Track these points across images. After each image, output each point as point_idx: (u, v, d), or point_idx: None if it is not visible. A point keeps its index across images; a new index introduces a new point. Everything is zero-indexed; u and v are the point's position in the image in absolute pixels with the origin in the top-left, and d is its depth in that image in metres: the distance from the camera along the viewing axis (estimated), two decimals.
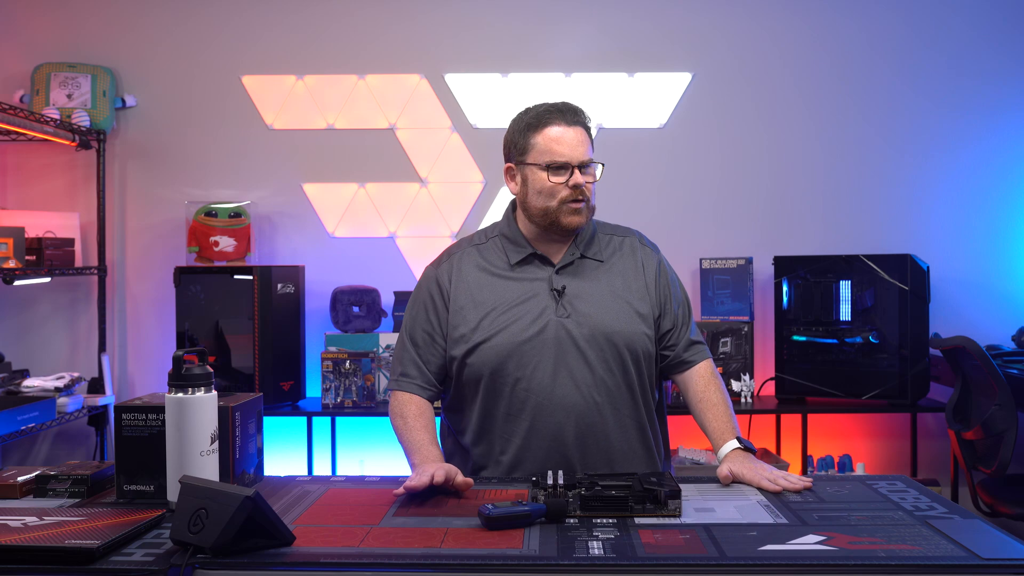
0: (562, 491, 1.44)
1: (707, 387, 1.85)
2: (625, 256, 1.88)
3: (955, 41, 3.74)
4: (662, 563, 1.23)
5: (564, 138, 1.77)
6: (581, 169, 1.78)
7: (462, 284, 1.84)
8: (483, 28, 3.78)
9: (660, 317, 1.87)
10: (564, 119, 1.79)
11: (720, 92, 3.77)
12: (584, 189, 1.78)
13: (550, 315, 1.78)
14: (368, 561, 1.24)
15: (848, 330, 3.47)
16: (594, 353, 1.78)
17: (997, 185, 3.74)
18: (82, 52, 3.73)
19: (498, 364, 1.77)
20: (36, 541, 1.27)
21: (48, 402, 3.15)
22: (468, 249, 1.89)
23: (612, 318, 1.80)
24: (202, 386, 1.47)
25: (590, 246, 1.87)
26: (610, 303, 1.81)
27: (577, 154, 1.77)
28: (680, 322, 1.89)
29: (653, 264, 1.89)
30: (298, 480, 1.72)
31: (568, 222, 1.79)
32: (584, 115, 1.82)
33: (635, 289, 1.85)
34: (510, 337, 1.77)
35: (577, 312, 1.79)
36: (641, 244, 1.92)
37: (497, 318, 1.79)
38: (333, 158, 3.79)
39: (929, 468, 3.68)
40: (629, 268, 1.87)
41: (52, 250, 3.40)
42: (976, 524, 1.38)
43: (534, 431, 1.77)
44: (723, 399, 1.84)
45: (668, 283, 1.89)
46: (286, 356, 3.50)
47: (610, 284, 1.84)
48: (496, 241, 1.88)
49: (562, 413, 1.76)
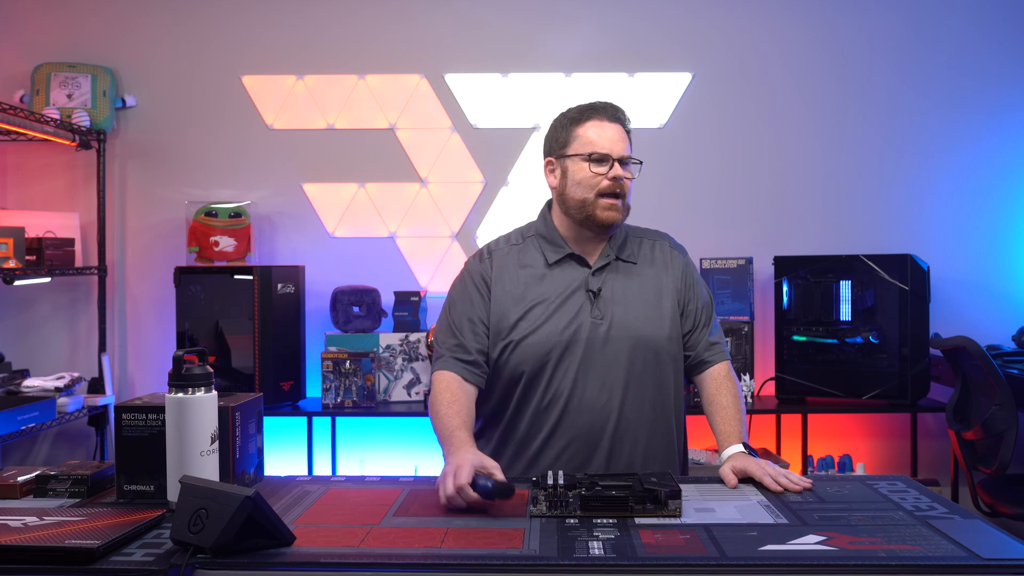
0: (561, 491, 1.45)
1: (719, 389, 1.88)
2: (656, 259, 1.93)
3: (955, 41, 3.74)
4: (662, 563, 1.23)
5: (605, 132, 1.83)
6: (621, 164, 1.83)
7: (501, 282, 1.88)
8: (483, 28, 3.78)
9: (681, 317, 1.90)
10: (606, 115, 1.85)
11: (720, 92, 3.77)
12: (622, 184, 1.82)
13: (584, 316, 1.82)
14: (368, 561, 1.24)
15: (848, 330, 3.47)
16: (625, 356, 1.81)
17: (997, 185, 3.74)
18: (82, 52, 3.73)
19: (531, 362, 1.81)
20: (36, 541, 1.27)
21: (48, 402, 3.15)
22: (507, 248, 1.93)
23: (644, 322, 1.84)
24: (202, 386, 1.47)
25: (624, 248, 1.91)
26: (643, 307, 1.85)
27: (617, 148, 1.83)
28: (701, 323, 1.92)
29: (680, 265, 1.93)
30: (298, 480, 1.72)
31: (604, 217, 1.82)
32: (624, 115, 1.88)
33: (666, 292, 1.89)
34: (544, 337, 1.81)
35: (611, 314, 1.83)
36: (669, 244, 1.97)
37: (533, 318, 1.83)
38: (333, 158, 3.79)
39: (929, 468, 3.68)
40: (660, 271, 1.91)
41: (52, 250, 3.40)
42: (976, 524, 1.38)
43: (561, 428, 1.81)
44: (734, 402, 1.86)
45: (692, 284, 1.93)
46: (286, 356, 3.50)
47: (642, 287, 1.88)
48: (533, 241, 1.92)
49: (590, 413, 1.80)
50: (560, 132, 1.88)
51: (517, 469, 1.84)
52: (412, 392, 3.60)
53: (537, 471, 1.79)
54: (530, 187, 3.78)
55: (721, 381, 1.88)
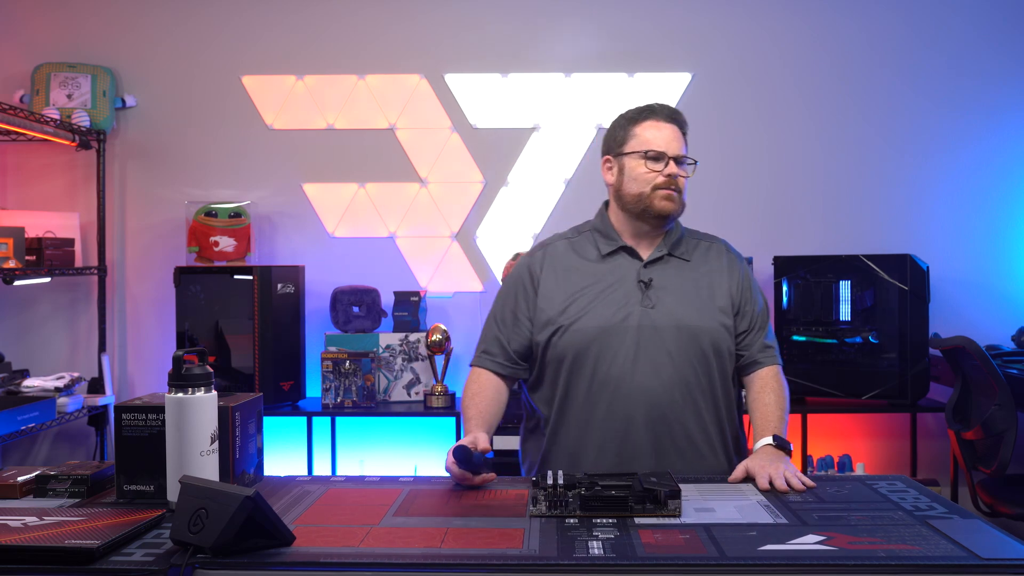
0: (562, 491, 1.45)
1: (764, 387, 1.91)
2: (711, 259, 1.97)
3: (955, 41, 3.74)
4: (662, 563, 1.23)
5: (661, 132, 1.90)
6: (676, 162, 1.89)
7: (552, 272, 1.94)
8: (483, 28, 3.78)
9: (737, 316, 1.93)
10: (662, 115, 1.92)
11: (720, 92, 3.77)
12: (677, 181, 1.88)
13: (635, 304, 1.87)
14: (368, 561, 1.24)
15: (848, 330, 3.47)
16: (675, 345, 1.85)
17: (997, 185, 3.74)
18: (82, 52, 3.73)
19: (581, 347, 1.86)
20: (36, 541, 1.27)
21: (48, 402, 3.16)
22: (560, 242, 2.00)
23: (695, 313, 1.88)
24: (202, 386, 1.47)
25: (678, 246, 1.96)
26: (694, 299, 1.90)
27: (672, 147, 1.89)
28: (757, 325, 1.95)
29: (738, 268, 1.98)
30: (298, 480, 1.72)
31: (661, 207, 1.88)
32: (681, 116, 1.94)
33: (719, 288, 1.93)
34: (594, 322, 1.86)
35: (662, 304, 1.87)
36: (727, 248, 2.02)
37: (584, 304, 1.88)
38: (333, 158, 3.79)
39: (929, 468, 3.68)
40: (715, 269, 1.95)
41: (52, 250, 3.40)
42: (976, 524, 1.38)
43: (611, 414, 1.84)
44: (776, 401, 1.88)
45: (750, 287, 1.98)
46: (286, 356, 3.50)
47: (695, 282, 1.92)
48: (588, 235, 1.99)
49: (639, 400, 1.83)
50: (618, 131, 1.95)
51: (571, 450, 1.88)
52: (412, 392, 3.60)
53: (588, 453, 1.85)
54: (530, 187, 3.78)
55: (768, 380, 1.91)
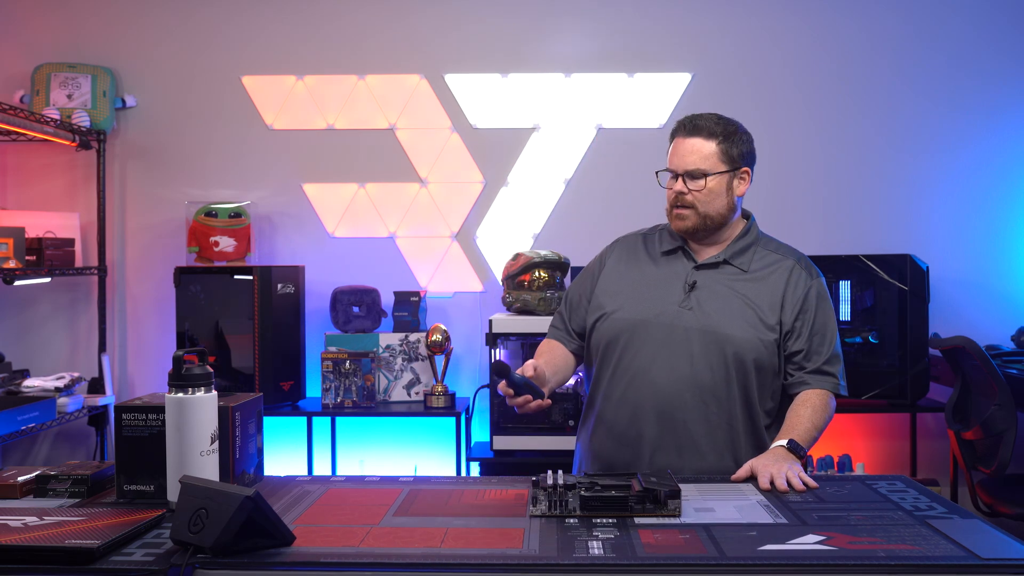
0: (561, 491, 1.45)
1: (804, 402, 1.85)
2: (774, 273, 1.92)
3: (955, 41, 3.74)
4: (662, 563, 1.23)
5: (676, 148, 1.93)
6: (687, 178, 1.89)
7: (617, 262, 2.03)
8: (483, 28, 3.78)
9: (789, 335, 1.88)
10: (683, 131, 1.93)
11: (720, 92, 3.77)
12: (686, 198, 1.89)
13: (673, 304, 1.89)
14: (368, 561, 1.24)
15: (848, 330, 3.47)
16: (699, 349, 1.85)
17: (997, 185, 3.74)
18: (82, 52, 3.73)
19: (614, 335, 1.92)
20: (36, 541, 1.28)
21: (48, 402, 3.16)
22: (635, 236, 2.08)
23: (730, 322, 1.85)
24: (202, 386, 1.48)
25: (740, 255, 1.94)
26: (735, 308, 1.87)
27: (683, 163, 1.90)
28: (812, 350, 1.88)
29: (803, 286, 1.90)
30: (298, 480, 1.72)
31: (674, 225, 1.95)
32: (706, 127, 1.91)
33: (768, 302, 1.88)
34: (630, 314, 1.91)
35: (700, 308, 1.88)
36: (798, 266, 1.94)
37: (627, 295, 1.94)
38: (333, 158, 3.79)
39: (929, 468, 3.68)
40: (772, 285, 1.90)
41: (52, 250, 3.40)
42: (975, 524, 1.39)
43: (624, 401, 1.89)
44: (810, 415, 1.82)
45: (814, 308, 1.89)
46: (286, 356, 3.50)
47: (744, 292, 1.89)
48: (661, 232, 2.04)
49: (650, 394, 1.86)
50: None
51: (591, 432, 1.96)
52: (412, 392, 3.60)
53: (602, 436, 1.92)
54: (530, 187, 3.78)
55: (810, 396, 1.86)
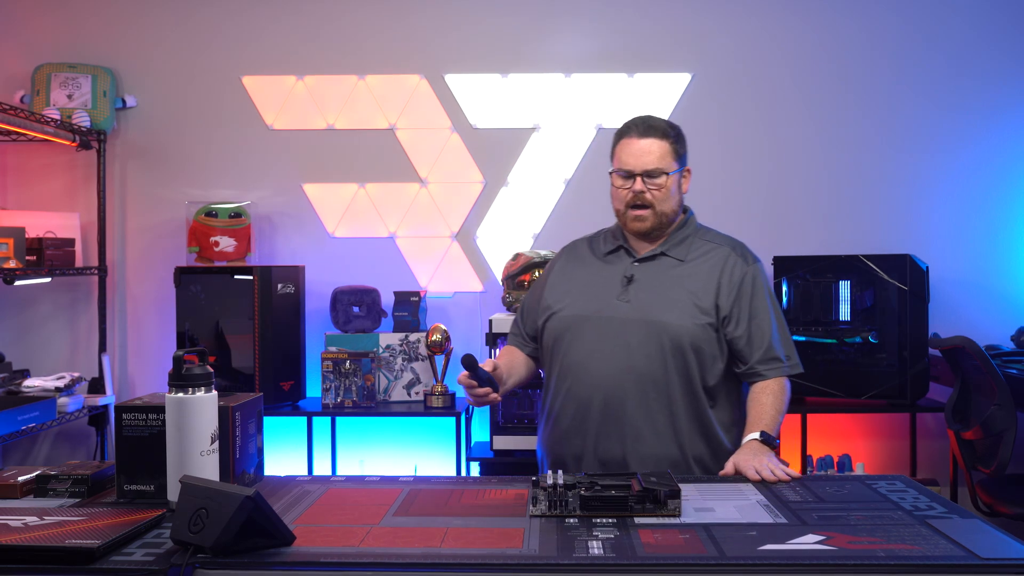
0: (561, 490, 1.45)
1: (764, 389, 1.94)
2: (708, 261, 1.99)
3: (955, 41, 3.74)
4: (662, 563, 1.23)
5: (631, 148, 1.97)
6: (646, 178, 1.94)
7: (562, 265, 2.12)
8: (483, 28, 3.78)
9: (727, 321, 1.94)
10: (636, 131, 1.98)
11: (720, 92, 3.77)
12: (645, 196, 1.95)
13: (611, 298, 1.96)
14: (368, 561, 1.24)
15: (848, 330, 3.47)
16: (636, 339, 1.91)
17: (997, 185, 3.74)
18: (82, 52, 3.73)
19: (558, 333, 2.00)
20: (36, 541, 1.28)
21: (48, 402, 3.16)
22: (581, 240, 2.17)
23: (665, 309, 1.93)
24: (202, 386, 1.48)
25: (677, 247, 2.01)
26: (670, 296, 1.95)
27: (641, 163, 1.95)
28: (753, 336, 1.94)
29: (739, 272, 1.97)
30: (298, 480, 1.73)
31: (631, 227, 2.00)
32: (660, 128, 1.97)
33: (703, 287, 1.95)
34: (571, 312, 1.99)
35: (637, 299, 1.95)
36: (733, 253, 2.00)
37: (572, 295, 2.02)
38: (333, 158, 3.79)
39: (928, 468, 3.68)
40: (706, 271, 1.98)
41: (52, 250, 3.40)
42: (975, 524, 1.39)
43: (570, 395, 1.96)
44: (773, 401, 1.92)
45: (750, 294, 1.96)
46: (286, 356, 3.50)
47: (679, 281, 1.97)
48: (606, 234, 2.12)
49: (591, 386, 1.93)
50: (612, 148, 2.04)
51: (544, 428, 2.05)
52: (412, 392, 3.60)
53: (554, 432, 1.99)
54: (530, 187, 3.78)
55: (767, 386, 1.94)
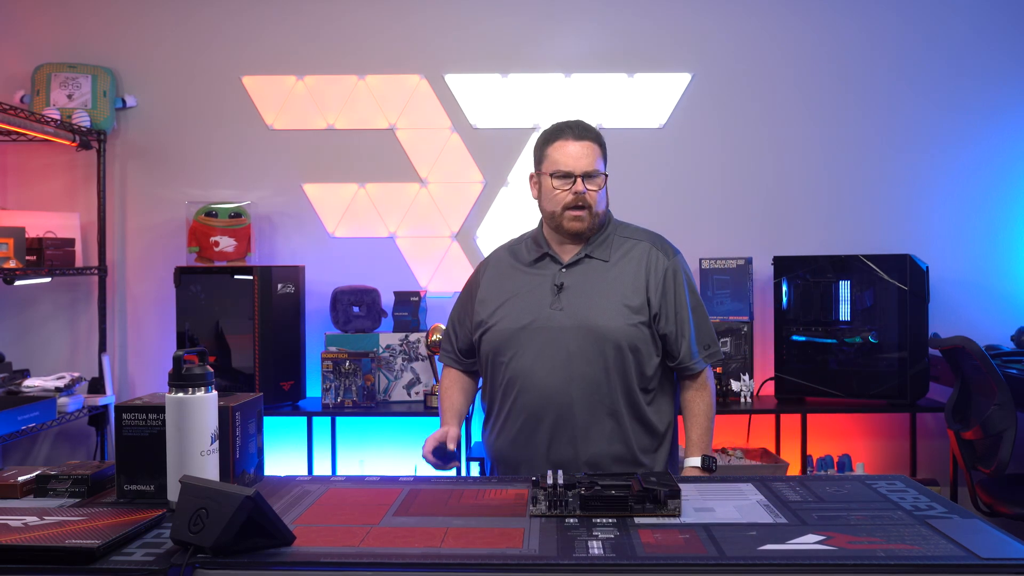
0: (561, 490, 1.45)
1: (694, 397, 2.04)
2: (632, 258, 2.02)
3: (955, 41, 3.74)
4: (662, 563, 1.23)
5: (569, 150, 1.97)
6: (585, 179, 1.96)
7: (489, 278, 2.09)
8: (483, 28, 3.78)
9: (658, 318, 1.98)
10: (572, 134, 1.99)
11: (720, 92, 3.77)
12: (586, 197, 1.96)
13: (544, 307, 1.97)
14: (368, 561, 1.24)
15: (847, 330, 3.47)
16: (575, 344, 1.93)
17: (997, 185, 3.75)
18: (82, 52, 3.74)
19: (497, 347, 2.00)
20: (36, 541, 1.28)
21: (48, 402, 3.16)
22: (503, 249, 2.15)
23: (599, 312, 1.95)
24: (202, 386, 1.48)
25: (600, 247, 2.03)
26: (602, 299, 1.97)
27: (580, 165, 1.96)
28: (681, 328, 2.00)
29: (662, 267, 2.01)
30: (298, 480, 1.72)
31: (570, 227, 1.99)
32: (593, 132, 2.01)
33: (632, 285, 1.98)
34: (508, 324, 1.99)
35: (570, 306, 1.96)
36: (654, 249, 2.04)
37: (505, 308, 2.01)
38: (333, 158, 3.79)
39: (928, 468, 3.69)
40: (631, 269, 2.01)
41: (52, 250, 3.40)
42: (975, 524, 1.39)
43: (517, 406, 1.97)
44: (705, 411, 2.03)
45: (672, 287, 2.01)
46: (286, 356, 3.50)
47: (608, 282, 1.99)
48: (526, 242, 2.10)
49: (538, 395, 1.94)
50: (537, 151, 2.05)
51: (490, 436, 2.06)
52: (412, 392, 3.60)
53: (502, 442, 2.00)
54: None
55: (697, 389, 2.04)
